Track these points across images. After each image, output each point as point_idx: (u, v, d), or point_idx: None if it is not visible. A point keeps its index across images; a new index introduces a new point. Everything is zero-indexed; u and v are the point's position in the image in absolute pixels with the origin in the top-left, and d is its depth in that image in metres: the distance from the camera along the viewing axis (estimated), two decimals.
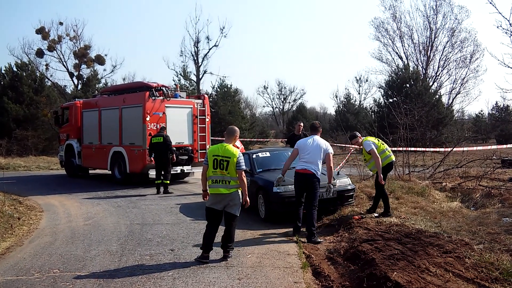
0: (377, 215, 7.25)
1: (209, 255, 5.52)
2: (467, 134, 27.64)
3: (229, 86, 34.91)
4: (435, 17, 39.27)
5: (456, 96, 39.93)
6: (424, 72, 38.60)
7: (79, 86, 33.47)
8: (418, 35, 40.00)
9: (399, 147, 12.00)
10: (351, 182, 8.20)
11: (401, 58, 40.60)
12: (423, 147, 14.65)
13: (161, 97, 12.60)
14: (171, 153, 11.37)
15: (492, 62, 78.50)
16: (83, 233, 7.20)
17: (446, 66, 39.69)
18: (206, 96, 14.10)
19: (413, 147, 12.79)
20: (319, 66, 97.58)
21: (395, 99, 28.18)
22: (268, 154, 9.33)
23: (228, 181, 5.51)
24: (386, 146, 7.76)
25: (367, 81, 50.14)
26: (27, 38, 70.16)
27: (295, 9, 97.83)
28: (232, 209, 5.60)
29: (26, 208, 9.56)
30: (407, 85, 30.03)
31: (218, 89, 34.77)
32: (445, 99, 37.02)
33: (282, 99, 64.59)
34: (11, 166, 19.55)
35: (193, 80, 35.52)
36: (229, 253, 5.59)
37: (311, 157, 6.58)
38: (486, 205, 8.23)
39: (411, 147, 12.48)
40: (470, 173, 11.47)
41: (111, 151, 13.54)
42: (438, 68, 39.95)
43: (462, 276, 4.36)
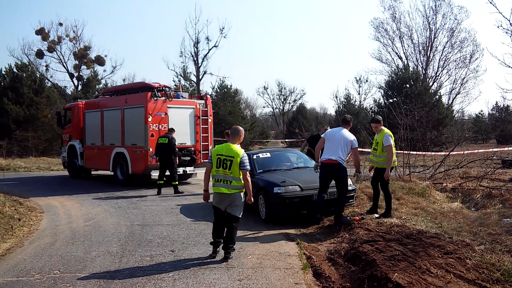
0: (378, 216, 7.23)
1: (217, 249, 5.68)
2: (467, 134, 27.65)
3: (229, 86, 34.97)
4: (434, 17, 39.43)
5: (456, 96, 40.06)
6: (424, 72, 38.66)
7: (79, 87, 33.47)
8: (417, 35, 40.16)
9: (401, 150, 11.89)
10: (351, 183, 8.17)
11: (400, 58, 40.72)
12: (423, 147, 14.64)
13: (163, 98, 12.49)
14: (174, 155, 11.36)
15: (492, 62, 78.55)
16: (84, 234, 7.20)
17: (446, 66, 39.83)
18: (208, 96, 13.93)
19: (413, 148, 12.76)
20: (319, 66, 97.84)
21: (395, 99, 28.19)
22: (268, 155, 9.31)
23: (230, 181, 5.51)
24: (395, 150, 7.57)
25: (367, 81, 49.98)
26: (27, 39, 69.95)
27: (294, 9, 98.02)
28: (232, 210, 5.60)
29: (26, 209, 9.55)
30: (407, 85, 30.02)
31: (218, 90, 34.80)
32: (445, 99, 37.13)
33: (282, 100, 64.80)
34: (12, 167, 19.53)
35: (193, 80, 35.58)
36: (230, 254, 5.60)
37: (333, 147, 7.03)
38: (487, 205, 8.21)
39: (411, 147, 12.42)
40: (471, 173, 11.45)
41: (113, 152, 13.46)
42: (438, 68, 40.08)
43: (463, 277, 4.35)
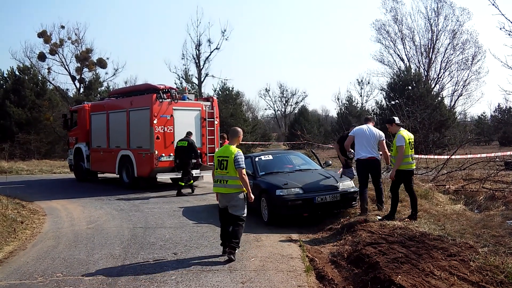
0: (380, 218, 7.21)
1: (226, 250, 5.70)
2: (470, 136, 27.57)
3: (230, 88, 34.95)
4: (436, 19, 39.31)
5: (458, 98, 39.90)
6: (426, 74, 38.58)
7: (81, 90, 33.57)
8: (419, 37, 40.04)
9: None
10: (354, 185, 8.17)
11: (402, 60, 40.63)
12: (426, 149, 14.60)
13: (168, 100, 12.36)
14: (196, 157, 11.32)
15: (494, 64, 78.76)
16: (86, 237, 7.21)
17: (448, 68, 39.69)
18: (215, 98, 13.76)
19: (416, 150, 12.70)
20: (321, 68, 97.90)
21: (397, 101, 28.06)
22: (270, 157, 9.28)
23: (226, 181, 5.59)
24: (412, 152, 7.32)
25: (368, 83, 50.23)
26: (29, 41, 70.44)
27: (296, 12, 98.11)
28: (233, 210, 5.64)
29: (29, 212, 9.58)
30: (409, 87, 29.95)
31: (220, 92, 34.79)
32: (447, 101, 36.99)
33: (284, 102, 64.81)
34: (14, 170, 19.58)
35: (194, 83, 35.62)
36: (233, 250, 5.56)
37: (369, 144, 7.62)
38: (490, 207, 8.17)
39: (414, 149, 12.38)
40: (474, 175, 11.40)
41: (119, 154, 13.34)
42: (440, 70, 39.94)
43: (467, 279, 4.33)
